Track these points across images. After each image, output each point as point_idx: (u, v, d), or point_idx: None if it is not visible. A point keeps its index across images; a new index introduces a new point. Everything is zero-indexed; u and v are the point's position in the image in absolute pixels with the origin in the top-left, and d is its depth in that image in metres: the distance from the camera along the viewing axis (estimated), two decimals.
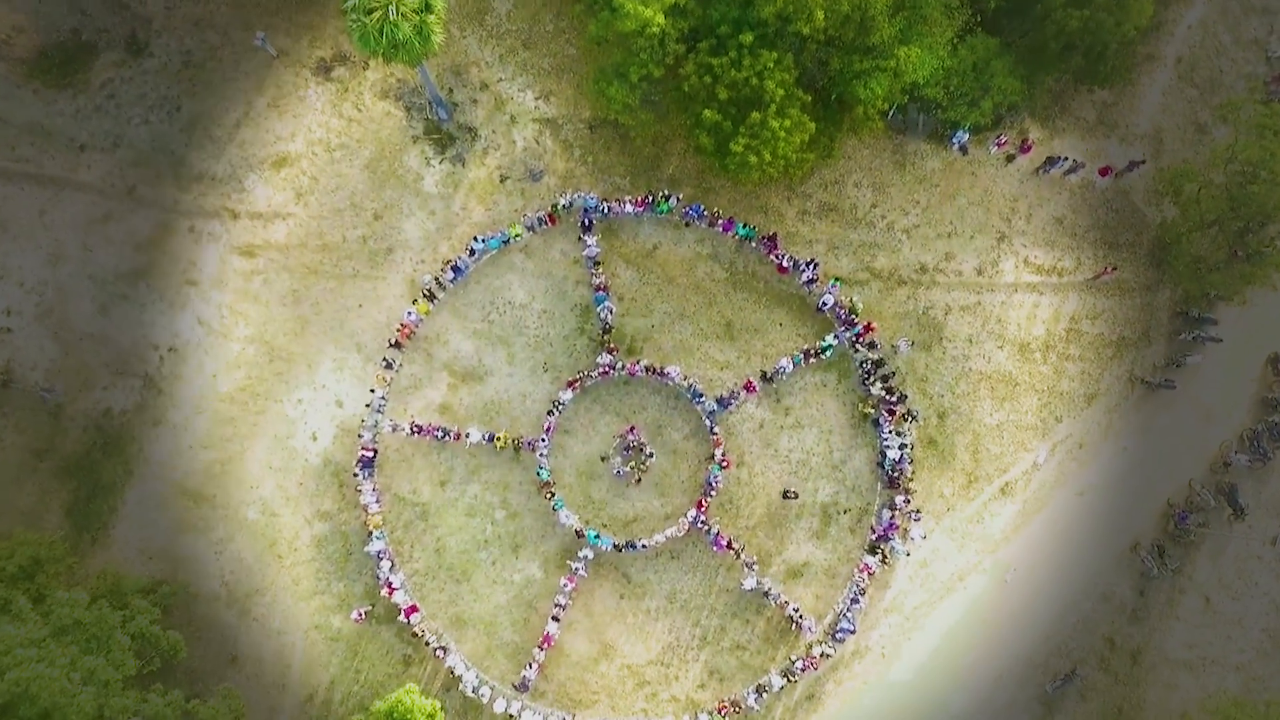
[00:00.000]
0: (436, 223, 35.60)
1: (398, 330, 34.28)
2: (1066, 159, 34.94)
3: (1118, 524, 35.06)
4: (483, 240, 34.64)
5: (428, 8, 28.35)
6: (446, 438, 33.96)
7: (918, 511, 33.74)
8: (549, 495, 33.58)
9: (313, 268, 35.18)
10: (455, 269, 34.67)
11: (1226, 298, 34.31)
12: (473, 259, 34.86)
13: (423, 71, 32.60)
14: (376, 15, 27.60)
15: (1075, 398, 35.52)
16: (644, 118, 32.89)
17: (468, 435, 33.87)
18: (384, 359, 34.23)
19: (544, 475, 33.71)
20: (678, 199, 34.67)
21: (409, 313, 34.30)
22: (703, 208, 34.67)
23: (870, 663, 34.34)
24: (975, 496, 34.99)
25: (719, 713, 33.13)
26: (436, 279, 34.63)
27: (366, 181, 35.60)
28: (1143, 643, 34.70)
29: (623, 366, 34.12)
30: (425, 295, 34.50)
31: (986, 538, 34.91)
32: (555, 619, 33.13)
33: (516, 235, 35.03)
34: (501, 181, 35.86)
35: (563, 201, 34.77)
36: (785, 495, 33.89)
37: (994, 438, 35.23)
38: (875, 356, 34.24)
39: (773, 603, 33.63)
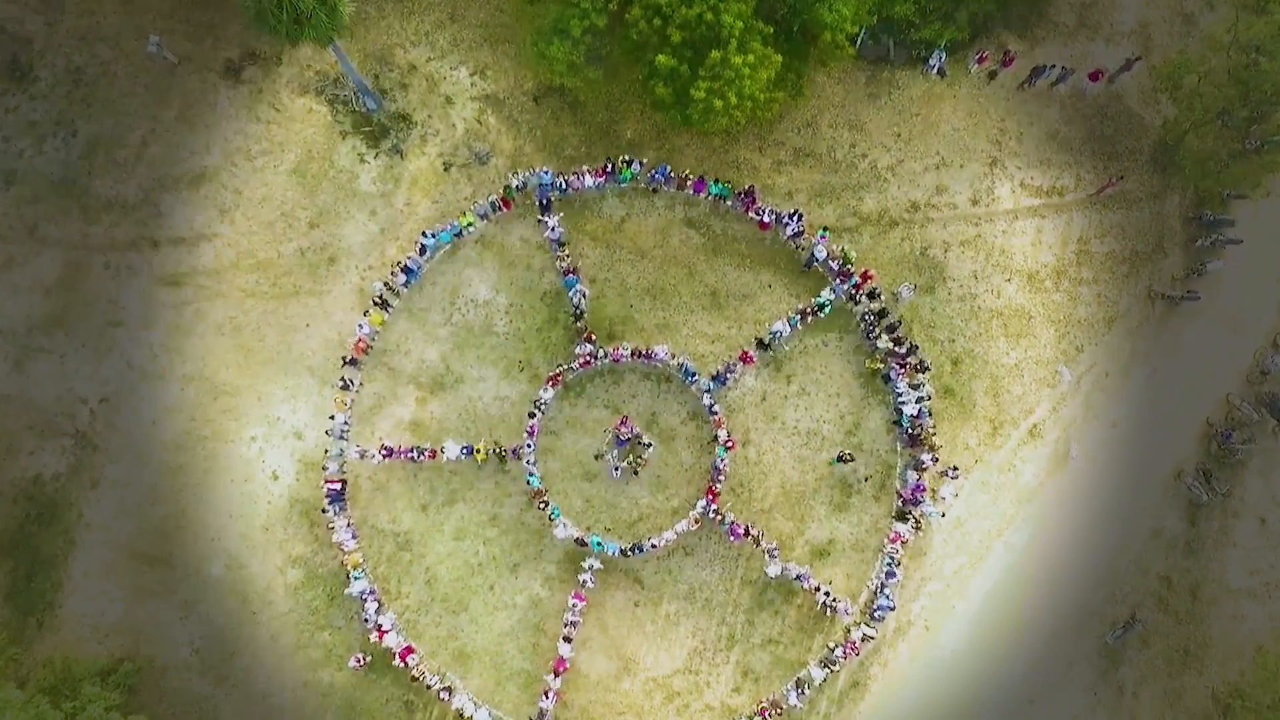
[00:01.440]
0: (379, 223, 31.72)
1: (352, 346, 30.36)
2: (1054, 67, 31.69)
3: (1157, 453, 31.97)
4: (432, 235, 30.83)
5: None
6: (421, 457, 30.17)
7: (954, 468, 30.42)
8: (542, 505, 29.89)
9: (249, 290, 31.18)
10: (407, 271, 30.84)
11: (1244, 194, 31.27)
12: (424, 257, 31.04)
13: (339, 55, 28.72)
14: None
15: (1094, 324, 32.35)
16: (592, 76, 29.26)
17: (444, 451, 30.10)
18: (341, 380, 30.33)
19: (534, 483, 30.02)
20: (640, 164, 31.03)
21: (362, 325, 30.42)
22: (669, 170, 31.06)
23: (915, 638, 31.02)
24: (1003, 444, 31.74)
25: (760, 717, 29.64)
26: (387, 284, 30.78)
27: (296, 188, 31.63)
28: (1200, 576, 31.66)
29: (605, 354, 30.49)
30: (377, 304, 30.63)
31: (1021, 487, 31.67)
32: (567, 639, 29.48)
33: (469, 225, 31.26)
34: (445, 170, 32.03)
35: (515, 182, 31.02)
36: (840, 460, 30.32)
37: (1014, 378, 31.98)
38: (877, 307, 30.85)
39: (802, 588, 30.20)
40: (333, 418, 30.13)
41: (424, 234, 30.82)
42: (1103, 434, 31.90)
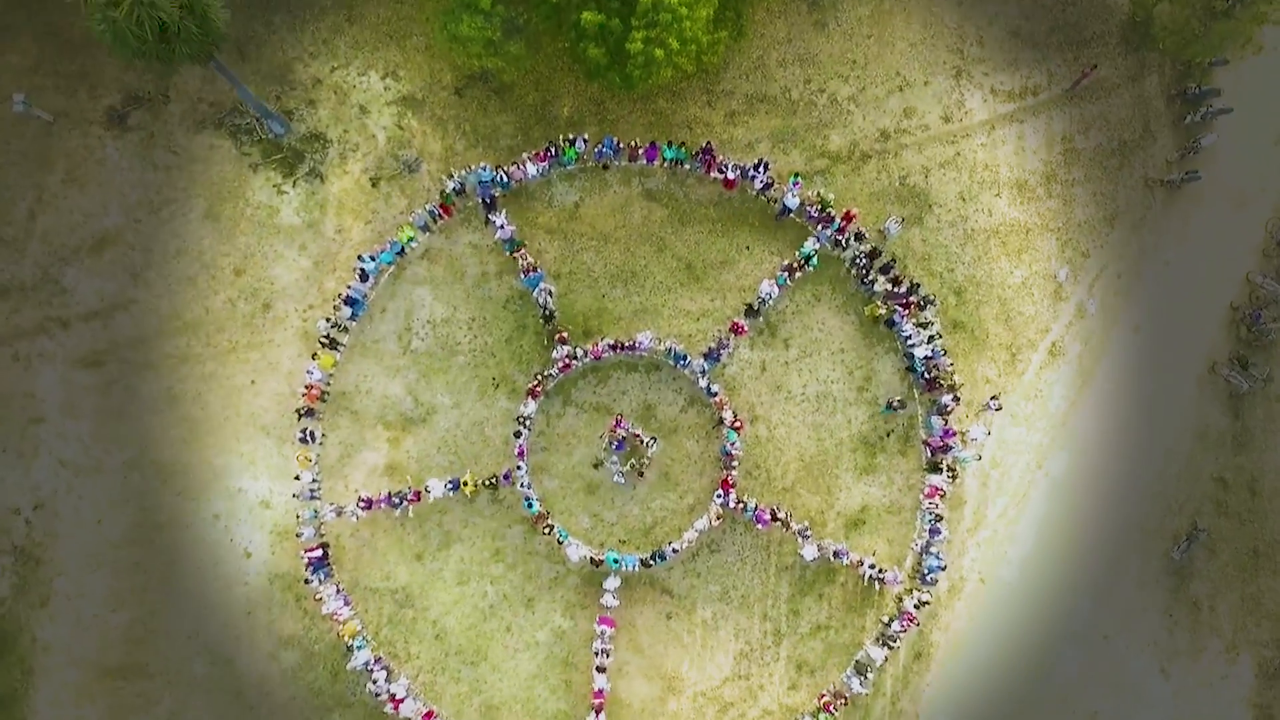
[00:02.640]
0: (312, 257, 28.22)
1: (304, 396, 26.87)
2: None
3: (1186, 350, 29.46)
4: (371, 259, 27.42)
5: None
6: (405, 503, 26.81)
7: (995, 398, 27.74)
8: (547, 529, 26.67)
9: (180, 356, 27.56)
10: (351, 302, 27.39)
11: (1225, 60, 28.81)
12: (367, 285, 27.61)
13: (230, 77, 25.20)
14: (125, 4, 20.10)
15: (1095, 224, 29.71)
16: (513, 52, 25.96)
17: (429, 492, 26.76)
18: (299, 435, 26.84)
19: (533, 508, 26.78)
20: (584, 141, 27.83)
21: (311, 371, 26.94)
22: (616, 141, 27.88)
23: (972, 594, 28.25)
24: (1024, 369, 29.02)
25: (825, 711, 26.69)
26: (332, 321, 27.35)
27: (212, 235, 28.02)
28: (1256, 470, 29.25)
29: (584, 353, 27.30)
30: (325, 345, 27.17)
31: (1051, 412, 28.99)
32: (601, 670, 26.34)
33: (410, 241, 27.87)
34: (374, 186, 28.58)
35: (452, 185, 27.68)
36: (890, 407, 27.55)
37: (1023, 297, 29.26)
38: (866, 248, 27.94)
39: (843, 565, 27.27)
40: (298, 478, 26.65)
41: (361, 259, 27.40)
42: (1126, 340, 29.30)
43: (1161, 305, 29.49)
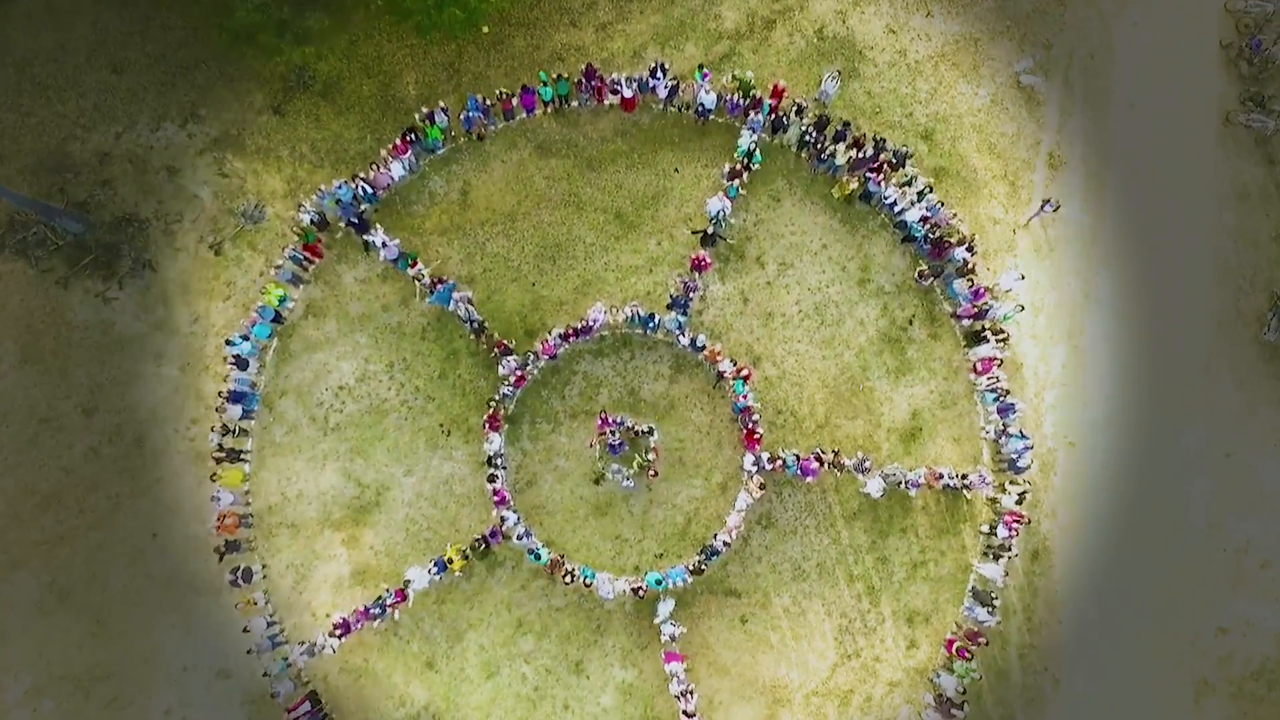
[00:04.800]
0: (173, 363, 22.10)
1: (218, 530, 20.76)
2: None
3: (1192, 110, 24.83)
4: (244, 338, 21.45)
5: None
6: (388, 609, 20.96)
7: (1047, 201, 22.77)
8: (567, 576, 21.02)
9: (52, 538, 21.30)
10: (237, 399, 21.38)
11: None
12: (250, 370, 21.65)
13: None
14: None
15: (1045, 8, 24.92)
16: (315, 27, 20.19)
17: (412, 585, 20.94)
18: (230, 578, 20.75)
19: (541, 558, 21.12)
20: (444, 113, 22.13)
21: (217, 497, 20.88)
22: (480, 101, 22.19)
23: (1067, 464, 23.35)
24: (1031, 195, 24.11)
25: (960, 658, 21.53)
26: (224, 429, 21.25)
27: (40, 380, 21.76)
28: None
29: (535, 356, 21.69)
30: (224, 460, 21.10)
31: (1076, 232, 24.12)
32: (689, 715, 20.85)
33: (283, 301, 21.91)
34: (217, 254, 22.54)
35: (307, 219, 21.80)
36: (921, 277, 22.65)
37: (998, 117, 24.35)
38: (810, 121, 22.71)
39: (918, 487, 22.07)
40: (247, 629, 20.56)
41: (231, 343, 21.38)
42: (1124, 122, 24.57)
43: (1147, 72, 24.81)
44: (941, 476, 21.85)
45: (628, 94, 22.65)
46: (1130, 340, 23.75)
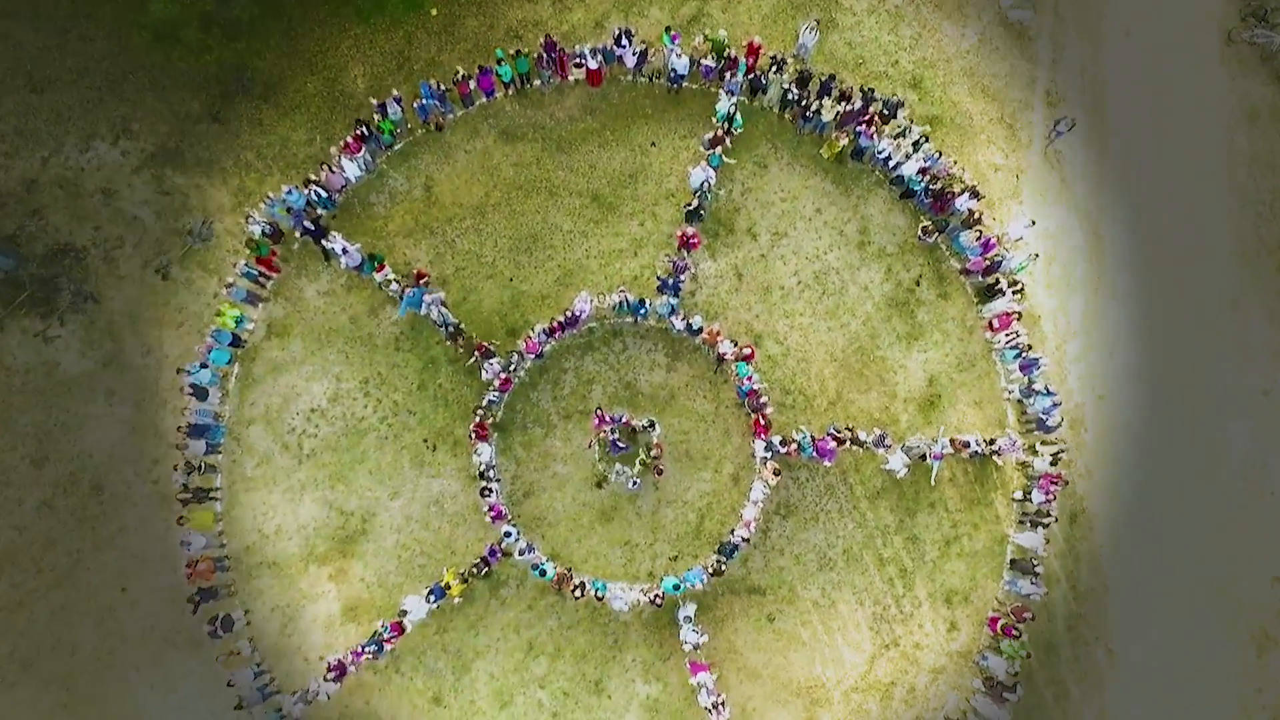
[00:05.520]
0: (126, 401, 20.15)
1: (190, 577, 18.82)
2: None
3: (1191, 32, 23.28)
4: (202, 365, 19.51)
5: None
6: (386, 645, 19.10)
7: (1060, 120, 21.13)
8: (576, 590, 19.19)
9: (9, 603, 19.43)
10: (200, 432, 19.47)
11: None
12: (210, 401, 19.74)
13: None
14: None
15: None
16: (243, 16, 18.18)
17: (409, 617, 19.06)
18: (209, 628, 18.82)
19: (547, 573, 19.31)
20: (398, 103, 20.24)
21: (187, 543, 18.95)
22: (434, 87, 20.33)
23: (1098, 418, 21.74)
24: (1030, 135, 22.54)
25: (1007, 637, 19.87)
26: (189, 466, 19.31)
27: None
28: None
29: (519, 356, 19.87)
30: (192, 500, 19.17)
31: (1079, 169, 22.51)
32: None
33: (240, 323, 20.01)
34: (164, 278, 20.60)
35: (259, 230, 19.88)
36: (925, 233, 20.88)
37: (988, 58, 22.71)
38: (791, 76, 20.96)
39: (943, 457, 20.38)
40: (232, 683, 18.63)
41: (188, 372, 19.43)
42: (1121, 51, 22.95)
43: None
44: (969, 444, 20.16)
45: (593, 66, 20.85)
46: (1151, 281, 22.15)
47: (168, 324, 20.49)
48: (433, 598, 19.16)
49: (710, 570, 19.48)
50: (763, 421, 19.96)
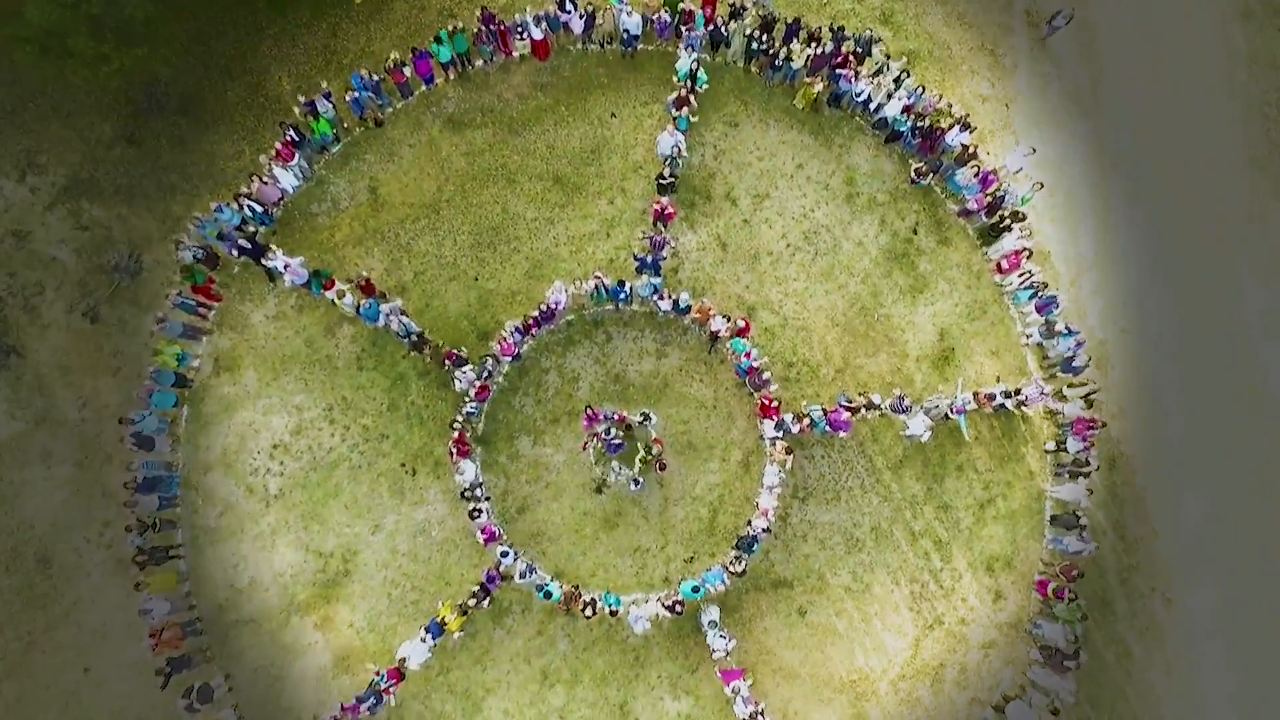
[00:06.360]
0: (66, 461, 18.05)
1: (155, 648, 16.71)
2: None
3: None
4: (148, 412, 17.42)
5: None
6: (385, 698, 17.06)
7: (1063, 14, 19.43)
8: (587, 609, 17.25)
9: None
10: (151, 486, 17.42)
11: None
12: (159, 449, 17.65)
13: None
14: None
15: None
16: (144, 15, 16.13)
17: (408, 663, 17.06)
18: (184, 703, 16.75)
19: (553, 594, 17.36)
20: (328, 100, 18.21)
21: (149, 611, 16.90)
22: (366, 77, 18.32)
23: (1123, 354, 20.06)
24: (1015, 61, 20.78)
25: (1058, 599, 18.12)
26: (142, 525, 17.23)
27: None
28: None
29: (494, 361, 17.92)
30: (147, 563, 17.10)
31: (1070, 88, 20.81)
32: None
33: (181, 361, 17.92)
34: (93, 321, 18.49)
35: (190, 257, 17.81)
36: (919, 175, 19.10)
37: None
38: (754, 21, 19.12)
39: (967, 414, 18.62)
40: None
41: (131, 421, 17.33)
42: None
43: None
44: (994, 396, 18.38)
45: (537, 36, 18.93)
46: (1162, 201, 20.48)
47: (103, 371, 18.37)
48: (430, 636, 17.16)
49: (730, 568, 17.60)
50: (768, 400, 18.09)
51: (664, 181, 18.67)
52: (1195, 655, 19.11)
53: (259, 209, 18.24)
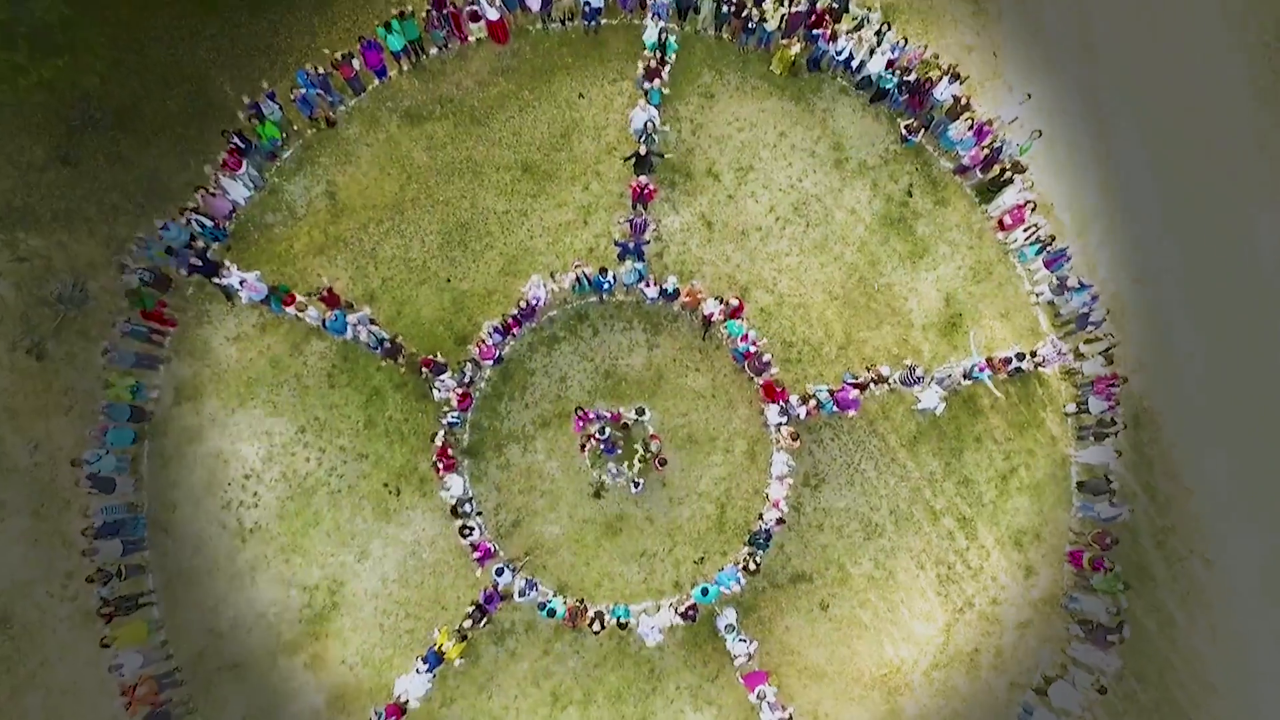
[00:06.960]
0: (21, 512, 16.70)
1: (130, 705, 15.33)
2: None
3: None
4: (104, 451, 15.99)
5: None
6: None
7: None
8: (595, 623, 15.94)
9: None
10: (112, 531, 16.18)
11: None
12: (122, 491, 16.22)
13: None
14: None
15: None
16: (59, 18, 14.77)
17: (407, 698, 15.69)
18: None
19: (557, 610, 16.05)
20: (274, 101, 16.85)
21: (119, 667, 15.55)
22: (313, 73, 16.96)
23: (1139, 302, 18.90)
24: (996, 5, 19.55)
25: (1095, 570, 16.96)
26: (105, 575, 15.81)
27: None
28: None
29: (474, 365, 16.59)
30: (113, 615, 15.73)
31: (1060, 31, 19.63)
32: None
33: (136, 393, 16.52)
34: (39, 359, 17.07)
35: (134, 280, 16.45)
36: (909, 132, 18.15)
37: None
38: None
39: (978, 385, 17.41)
40: None
41: (86, 462, 15.91)
42: None
43: None
44: (1009, 360, 17.17)
45: (493, 17, 17.64)
46: (1166, 142, 19.35)
47: (54, 411, 16.93)
48: (428, 669, 15.81)
49: (744, 566, 16.32)
50: (770, 384, 16.83)
51: (640, 159, 17.38)
52: (1241, 618, 17.97)
53: (209, 224, 16.86)
